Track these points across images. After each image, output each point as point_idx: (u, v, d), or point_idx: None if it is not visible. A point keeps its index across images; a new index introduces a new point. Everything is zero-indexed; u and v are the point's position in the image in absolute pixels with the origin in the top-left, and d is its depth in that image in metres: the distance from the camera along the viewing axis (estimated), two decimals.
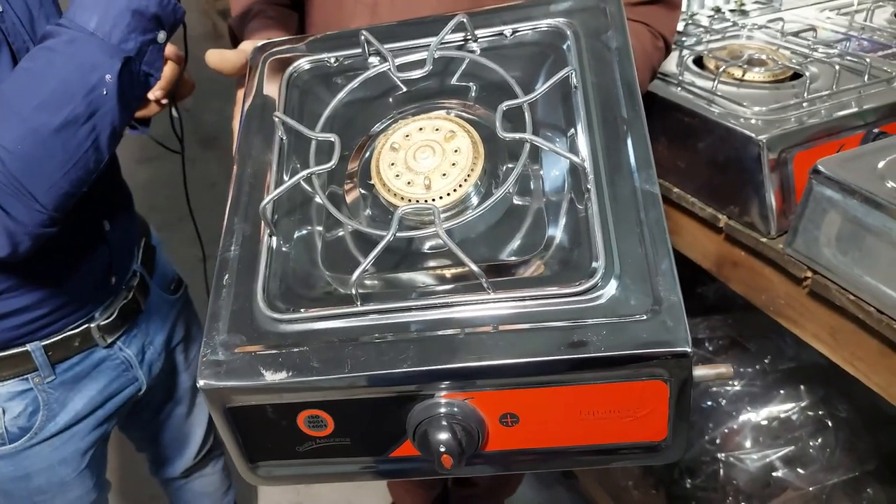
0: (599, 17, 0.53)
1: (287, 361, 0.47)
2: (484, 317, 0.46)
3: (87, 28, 0.57)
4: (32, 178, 0.58)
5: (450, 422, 0.46)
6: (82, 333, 0.84)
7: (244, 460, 0.52)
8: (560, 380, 0.45)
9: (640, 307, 0.44)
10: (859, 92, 0.84)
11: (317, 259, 0.53)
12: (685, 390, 0.45)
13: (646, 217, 0.47)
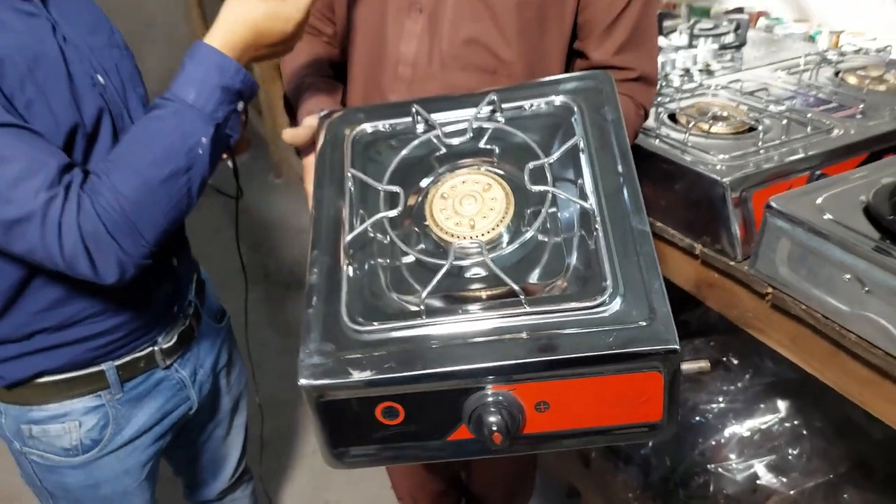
0: (598, 94, 0.70)
1: (369, 363, 0.59)
2: (520, 325, 0.59)
3: (187, 101, 0.73)
4: (142, 219, 0.73)
5: (498, 408, 0.59)
6: (147, 356, 0.96)
7: (328, 447, 0.64)
8: (581, 372, 0.58)
9: (639, 317, 0.58)
10: (804, 141, 1.01)
11: (383, 283, 0.68)
12: (676, 380, 0.59)
13: (640, 249, 0.61)
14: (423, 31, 0.88)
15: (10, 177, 0.67)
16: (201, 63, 0.73)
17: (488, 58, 0.87)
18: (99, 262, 0.71)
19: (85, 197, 0.70)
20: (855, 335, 0.79)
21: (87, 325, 0.87)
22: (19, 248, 0.71)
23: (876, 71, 1.26)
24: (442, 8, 0.86)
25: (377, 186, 0.68)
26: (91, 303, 0.86)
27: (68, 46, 0.79)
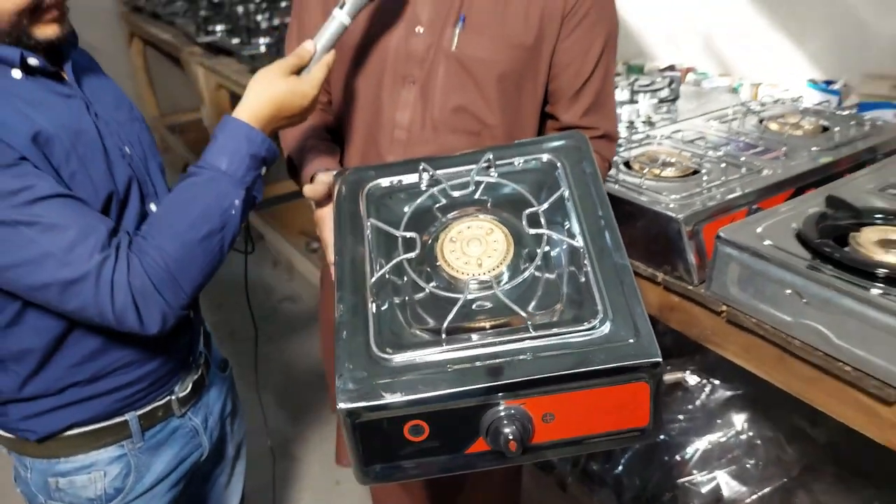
0: (577, 151, 0.83)
1: (399, 386, 0.67)
2: (525, 348, 0.69)
3: (220, 168, 0.83)
4: (183, 274, 0.81)
5: (511, 420, 0.67)
6: (165, 405, 1.02)
7: (361, 464, 0.71)
8: (580, 385, 0.67)
9: (626, 336, 0.68)
10: (740, 181, 1.19)
11: (402, 317, 0.77)
12: (659, 389, 0.69)
13: (623, 280, 0.72)
14: (417, 100, 1.01)
15: (66, 242, 0.76)
16: (232, 134, 0.84)
17: (474, 122, 1.01)
18: (145, 315, 0.80)
19: (133, 256, 0.79)
20: (798, 341, 0.94)
21: (116, 376, 0.93)
22: (73, 305, 0.78)
23: (793, 118, 1.46)
24: (433, 80, 1.00)
25: (396, 233, 0.79)
26: (120, 355, 0.92)
27: (100, 122, 0.88)
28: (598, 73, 1.01)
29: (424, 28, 0.99)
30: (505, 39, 0.98)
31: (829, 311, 0.90)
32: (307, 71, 0.89)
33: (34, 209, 0.74)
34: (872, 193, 1.12)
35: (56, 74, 0.85)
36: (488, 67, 0.99)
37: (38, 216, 0.75)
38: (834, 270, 0.91)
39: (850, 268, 0.91)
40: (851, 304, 0.88)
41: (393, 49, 1.00)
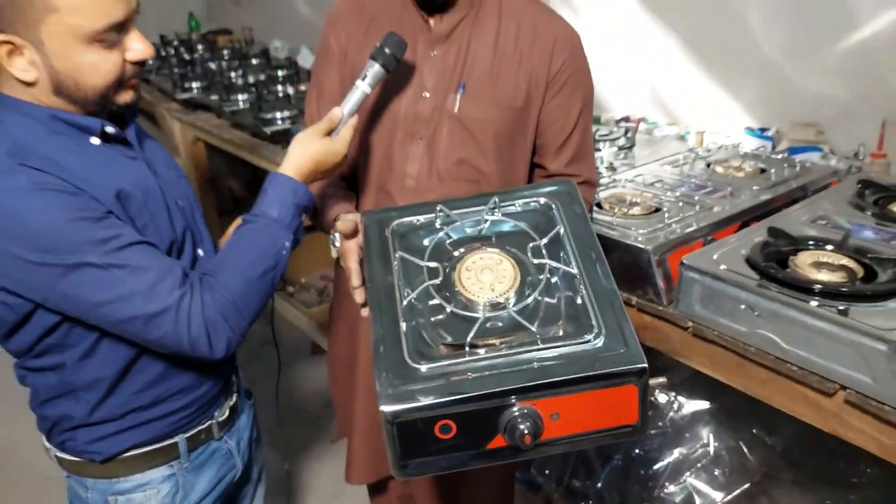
0: (568, 195, 0.99)
1: (431, 391, 0.80)
2: (534, 358, 0.82)
3: (272, 216, 0.98)
4: (244, 305, 0.94)
5: (525, 418, 0.80)
6: (207, 428, 1.12)
7: (398, 459, 0.82)
8: (581, 388, 0.81)
9: (617, 347, 0.81)
10: (696, 217, 1.38)
11: (426, 334, 0.90)
12: (646, 391, 0.82)
13: (613, 302, 0.86)
14: (424, 154, 1.17)
15: (150, 281, 0.88)
16: (280, 188, 0.99)
17: (473, 172, 1.18)
18: (215, 341, 0.92)
19: (204, 292, 0.92)
20: (753, 348, 1.12)
21: (170, 402, 1.04)
22: (154, 335, 0.90)
23: (735, 162, 1.69)
24: (438, 137, 1.17)
25: (421, 263, 0.93)
26: (174, 383, 1.03)
27: (159, 179, 1.01)
28: (578, 129, 1.20)
29: (430, 93, 1.17)
30: (499, 103, 1.17)
31: (776, 321, 1.08)
32: (336, 133, 1.05)
33: (122, 254, 0.87)
34: (805, 224, 1.33)
35: (124, 140, 0.98)
36: (485, 126, 1.17)
37: (126, 260, 0.87)
38: (778, 288, 1.10)
39: (792, 285, 1.09)
40: (794, 315, 1.06)
41: (403, 111, 1.17)
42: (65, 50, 0.86)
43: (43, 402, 1.02)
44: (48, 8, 0.83)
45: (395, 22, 1.18)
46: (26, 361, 1.00)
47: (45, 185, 0.84)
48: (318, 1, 3.75)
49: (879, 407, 0.98)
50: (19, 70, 0.86)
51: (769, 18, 1.92)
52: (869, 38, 1.74)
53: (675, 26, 2.15)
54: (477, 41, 1.17)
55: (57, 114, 0.90)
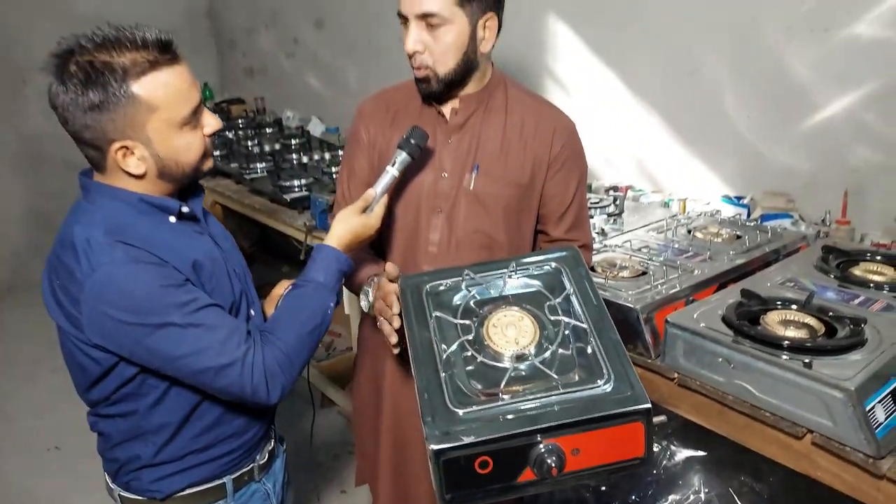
0: (574, 260, 1.15)
1: (472, 431, 0.92)
2: (555, 401, 0.95)
3: (319, 281, 1.15)
4: (296, 358, 1.10)
5: (550, 453, 0.92)
6: (249, 471, 1.25)
7: (442, 492, 0.93)
8: (596, 426, 0.93)
9: (624, 390, 0.95)
10: (678, 279, 1.55)
11: (462, 382, 1.04)
12: (650, 427, 0.95)
13: (619, 351, 1.00)
14: (444, 224, 1.35)
15: (221, 337, 1.04)
16: (325, 257, 1.17)
17: (487, 240, 1.36)
18: (272, 389, 1.07)
19: (265, 346, 1.08)
20: (731, 396, 1.27)
21: (222, 446, 1.18)
22: (221, 384, 1.05)
23: (714, 228, 1.87)
24: (456, 210, 1.35)
25: (454, 321, 1.09)
26: (226, 429, 1.18)
27: (221, 251, 1.18)
28: (575, 201, 1.39)
29: (448, 174, 1.36)
30: (507, 180, 1.35)
31: (750, 372, 1.24)
32: (371, 210, 1.23)
33: (198, 315, 1.03)
34: (775, 286, 1.50)
35: (194, 217, 1.15)
36: (496, 200, 1.35)
37: (202, 320, 1.03)
38: (751, 343, 1.26)
39: (762, 341, 1.26)
40: (765, 367, 1.22)
41: (426, 188, 1.36)
42: (166, 139, 1.05)
43: (114, 445, 1.16)
44: (150, 109, 1.02)
45: (415, 116, 1.38)
46: (101, 409, 1.15)
47: (137, 258, 1.01)
48: (327, 75, 4.01)
49: (841, 448, 1.13)
50: (133, 167, 1.05)
51: (741, 101, 2.15)
52: (827, 119, 1.96)
53: (657, 106, 2.38)
54: (487, 130, 1.36)
55: (144, 197, 1.08)
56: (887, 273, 1.54)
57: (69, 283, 1.03)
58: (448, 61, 1.27)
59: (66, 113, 1.02)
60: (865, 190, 1.93)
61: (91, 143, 1.04)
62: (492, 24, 1.30)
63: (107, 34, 1.01)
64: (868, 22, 1.83)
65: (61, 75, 1.01)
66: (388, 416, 1.51)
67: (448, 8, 1.23)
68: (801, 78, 1.99)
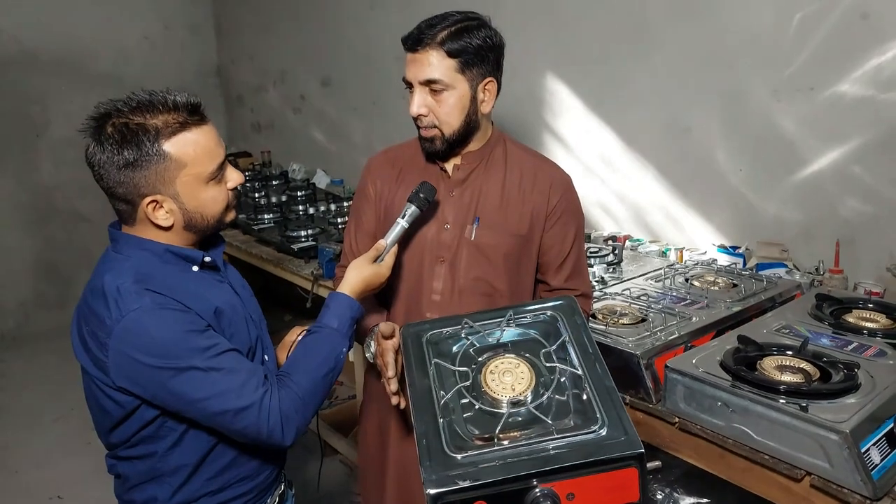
0: (570, 308, 1.21)
1: (468, 476, 0.95)
2: (549, 446, 0.99)
3: (333, 327, 1.20)
4: (310, 400, 1.14)
5: (545, 497, 0.96)
6: None
7: None
8: (590, 471, 0.97)
9: (618, 436, 0.99)
10: (677, 326, 1.60)
11: (459, 428, 1.09)
12: (644, 472, 0.99)
13: (613, 398, 1.04)
14: (447, 273, 1.41)
15: (240, 381, 1.08)
16: (339, 304, 1.22)
17: (488, 287, 1.42)
18: (286, 431, 1.11)
19: (281, 389, 1.12)
20: (731, 440, 1.30)
21: (235, 487, 1.21)
22: (239, 426, 1.09)
23: (710, 276, 1.93)
24: (458, 260, 1.41)
25: (453, 368, 1.14)
26: (239, 471, 1.21)
27: (239, 298, 1.24)
28: (573, 251, 1.45)
29: (451, 225, 1.42)
30: (507, 231, 1.42)
31: (748, 416, 1.28)
32: (381, 259, 1.29)
33: (219, 359, 1.07)
34: (771, 332, 1.55)
35: (214, 267, 1.21)
36: (497, 250, 1.41)
37: (222, 364, 1.07)
38: (749, 388, 1.30)
39: (760, 385, 1.29)
40: (763, 411, 1.26)
41: (429, 239, 1.42)
42: (194, 193, 1.11)
43: (132, 487, 1.19)
44: (180, 166, 1.09)
45: (420, 172, 1.45)
46: (120, 451, 1.18)
47: (164, 305, 1.06)
48: (331, 130, 4.15)
49: (838, 490, 1.16)
50: (162, 220, 1.12)
51: (733, 156, 2.24)
52: (817, 172, 2.04)
53: (653, 161, 2.47)
54: (487, 184, 1.44)
55: (170, 248, 1.14)
56: (880, 320, 1.59)
57: (98, 328, 1.08)
58: (452, 122, 1.36)
59: (102, 170, 1.09)
60: (857, 240, 2.00)
61: (123, 198, 1.11)
62: (491, 88, 1.39)
63: (141, 98, 1.09)
64: (851, 81, 1.93)
65: (99, 136, 1.08)
66: (393, 465, 1.54)
67: (450, 74, 1.32)
68: (789, 134, 2.08)
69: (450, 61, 1.31)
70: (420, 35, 1.32)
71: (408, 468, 1.53)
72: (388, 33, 3.44)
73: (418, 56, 1.32)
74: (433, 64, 1.31)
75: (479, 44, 1.33)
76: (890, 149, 1.88)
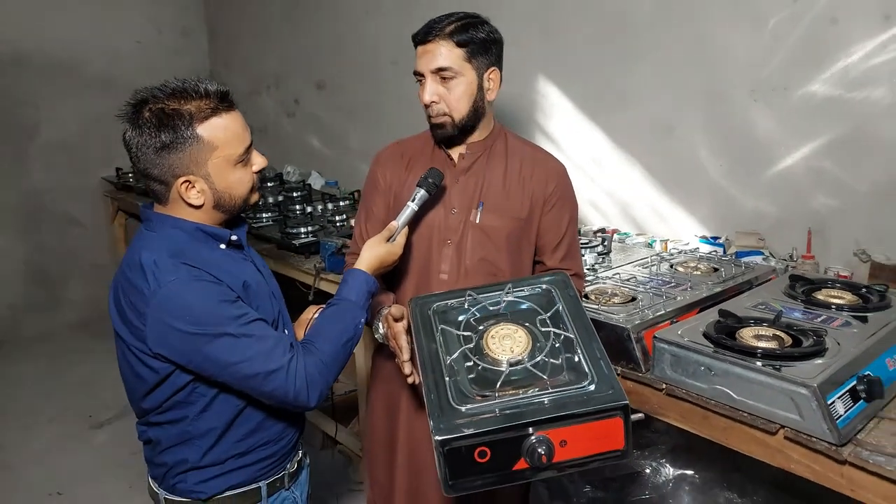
0: (564, 282, 1.34)
1: (472, 424, 1.07)
2: (545, 399, 1.12)
3: (351, 300, 1.31)
4: (333, 365, 1.25)
5: (540, 443, 1.08)
6: (280, 478, 1.38)
7: (447, 480, 1.07)
8: (580, 420, 1.09)
9: (606, 390, 1.12)
10: (664, 304, 1.73)
11: (463, 384, 1.20)
12: (629, 422, 1.12)
13: (601, 357, 1.17)
14: (454, 254, 1.53)
15: (269, 346, 1.19)
16: (356, 279, 1.34)
17: (492, 267, 1.54)
18: (311, 393, 1.22)
19: (307, 355, 1.23)
20: (713, 401, 1.44)
21: (260, 451, 1.31)
22: (269, 388, 1.19)
23: (693, 263, 2.07)
24: (464, 242, 1.53)
25: (458, 333, 1.26)
26: (264, 435, 1.31)
27: (262, 275, 1.35)
28: (567, 234, 1.59)
29: (457, 210, 1.55)
30: (509, 215, 1.55)
31: (728, 378, 1.41)
32: (393, 239, 1.41)
33: (250, 327, 1.18)
34: (748, 308, 1.69)
35: (239, 245, 1.32)
36: (499, 233, 1.54)
37: (253, 331, 1.18)
38: (729, 353, 1.43)
39: (739, 350, 1.43)
40: (741, 372, 1.39)
41: (437, 223, 1.55)
42: (223, 174, 1.22)
43: (163, 450, 1.28)
44: (211, 148, 1.20)
45: (428, 161, 1.58)
46: (152, 417, 1.28)
47: (199, 277, 1.17)
48: (326, 133, 4.26)
49: (808, 439, 1.29)
50: (193, 198, 1.22)
51: (714, 153, 2.39)
52: (790, 167, 2.20)
53: (639, 158, 2.62)
54: (490, 172, 1.57)
55: (200, 226, 1.25)
56: (846, 297, 1.73)
57: (136, 299, 1.18)
58: (461, 108, 1.48)
59: (139, 152, 1.19)
60: (827, 229, 2.15)
61: (158, 178, 1.21)
62: (495, 77, 1.53)
63: (175, 86, 1.20)
64: (821, 82, 2.09)
65: (137, 120, 1.19)
66: (403, 441, 1.63)
67: (458, 63, 1.45)
68: (765, 132, 2.24)
69: (458, 50, 1.44)
70: (430, 28, 1.46)
71: (417, 448, 1.63)
72: (383, 38, 3.57)
73: (429, 47, 1.45)
74: (443, 53, 1.44)
75: (483, 37, 1.47)
76: (856, 145, 2.04)
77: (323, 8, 4.03)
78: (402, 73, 3.47)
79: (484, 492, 1.14)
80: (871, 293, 1.73)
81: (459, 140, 1.55)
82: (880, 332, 1.50)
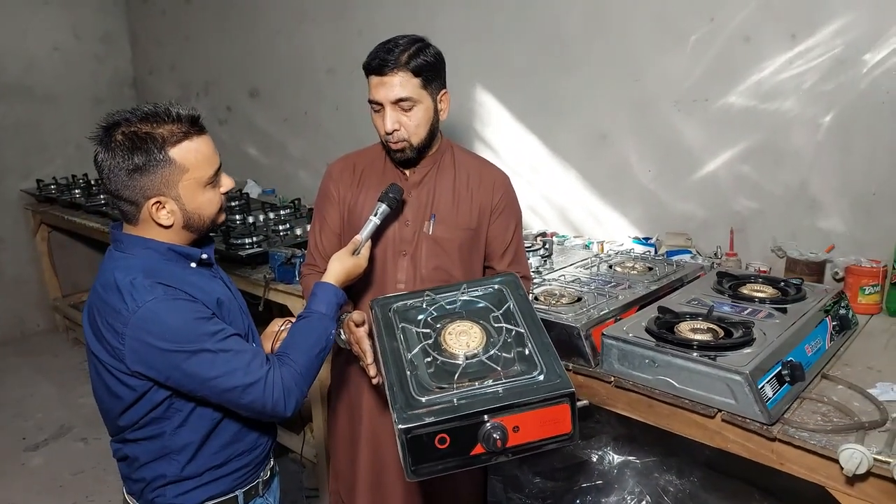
0: (514, 283, 1.42)
1: (431, 413, 1.13)
2: (499, 389, 1.18)
3: (321, 312, 1.36)
4: (306, 375, 1.30)
5: (495, 429, 1.15)
6: (255, 486, 1.41)
7: (410, 465, 1.13)
8: (531, 407, 1.16)
9: (554, 379, 1.21)
10: (607, 304, 1.86)
11: (422, 377, 1.27)
12: (575, 408, 1.21)
13: (549, 351, 1.26)
14: (409, 264, 1.61)
15: (246, 360, 1.22)
16: (326, 292, 1.39)
17: (445, 275, 1.62)
18: (287, 402, 1.26)
19: (282, 367, 1.27)
20: (657, 390, 1.57)
21: (236, 461, 1.34)
22: (246, 400, 1.22)
23: (629, 263, 2.22)
24: (418, 252, 1.61)
25: (417, 331, 1.32)
26: (239, 446, 1.34)
27: (230, 291, 1.38)
28: (514, 240, 1.69)
29: (410, 222, 1.62)
30: (459, 225, 1.64)
31: (670, 369, 1.55)
32: (358, 252, 1.47)
33: (226, 342, 1.21)
34: (683, 304, 1.84)
35: (209, 264, 1.35)
36: (451, 242, 1.63)
37: (230, 346, 1.21)
38: (669, 346, 1.57)
39: (678, 343, 1.57)
40: (682, 363, 1.53)
41: (392, 235, 1.62)
42: (193, 195, 1.25)
43: (141, 466, 1.29)
44: (182, 170, 1.22)
45: (379, 175, 1.65)
46: (127, 434, 1.28)
47: (176, 296, 1.19)
48: (262, 143, 4.23)
49: (743, 420, 1.44)
50: (163, 219, 1.24)
51: (644, 159, 2.56)
52: (713, 172, 2.39)
53: (574, 165, 2.77)
54: (440, 185, 1.65)
55: (172, 246, 1.27)
56: (767, 291, 1.91)
57: (114, 319, 1.19)
58: (420, 133, 1.56)
59: (111, 174, 1.21)
60: (747, 228, 2.35)
61: (129, 199, 1.23)
62: (446, 98, 1.61)
63: (147, 110, 1.22)
64: (737, 94, 2.28)
65: (109, 143, 1.20)
66: (366, 442, 1.70)
67: (416, 91, 1.52)
68: (689, 139, 2.42)
69: (415, 80, 1.51)
70: (384, 60, 1.49)
71: (380, 446, 1.70)
72: (318, 46, 3.59)
73: (386, 79, 1.50)
74: (402, 84, 1.50)
75: (433, 60, 1.54)
76: (770, 151, 2.25)
77: (255, 16, 4.01)
78: (338, 82, 3.50)
79: (447, 488, 1.23)
80: (788, 286, 1.91)
81: (416, 161, 1.63)
82: (799, 321, 1.68)
